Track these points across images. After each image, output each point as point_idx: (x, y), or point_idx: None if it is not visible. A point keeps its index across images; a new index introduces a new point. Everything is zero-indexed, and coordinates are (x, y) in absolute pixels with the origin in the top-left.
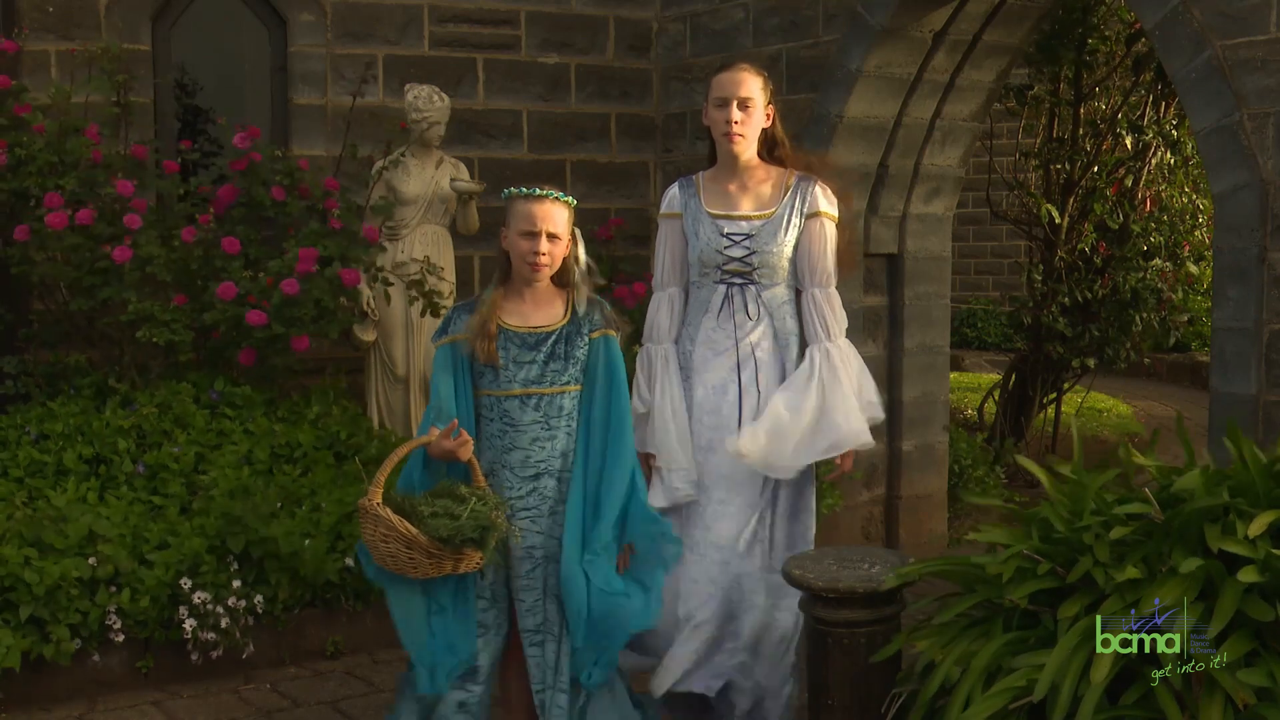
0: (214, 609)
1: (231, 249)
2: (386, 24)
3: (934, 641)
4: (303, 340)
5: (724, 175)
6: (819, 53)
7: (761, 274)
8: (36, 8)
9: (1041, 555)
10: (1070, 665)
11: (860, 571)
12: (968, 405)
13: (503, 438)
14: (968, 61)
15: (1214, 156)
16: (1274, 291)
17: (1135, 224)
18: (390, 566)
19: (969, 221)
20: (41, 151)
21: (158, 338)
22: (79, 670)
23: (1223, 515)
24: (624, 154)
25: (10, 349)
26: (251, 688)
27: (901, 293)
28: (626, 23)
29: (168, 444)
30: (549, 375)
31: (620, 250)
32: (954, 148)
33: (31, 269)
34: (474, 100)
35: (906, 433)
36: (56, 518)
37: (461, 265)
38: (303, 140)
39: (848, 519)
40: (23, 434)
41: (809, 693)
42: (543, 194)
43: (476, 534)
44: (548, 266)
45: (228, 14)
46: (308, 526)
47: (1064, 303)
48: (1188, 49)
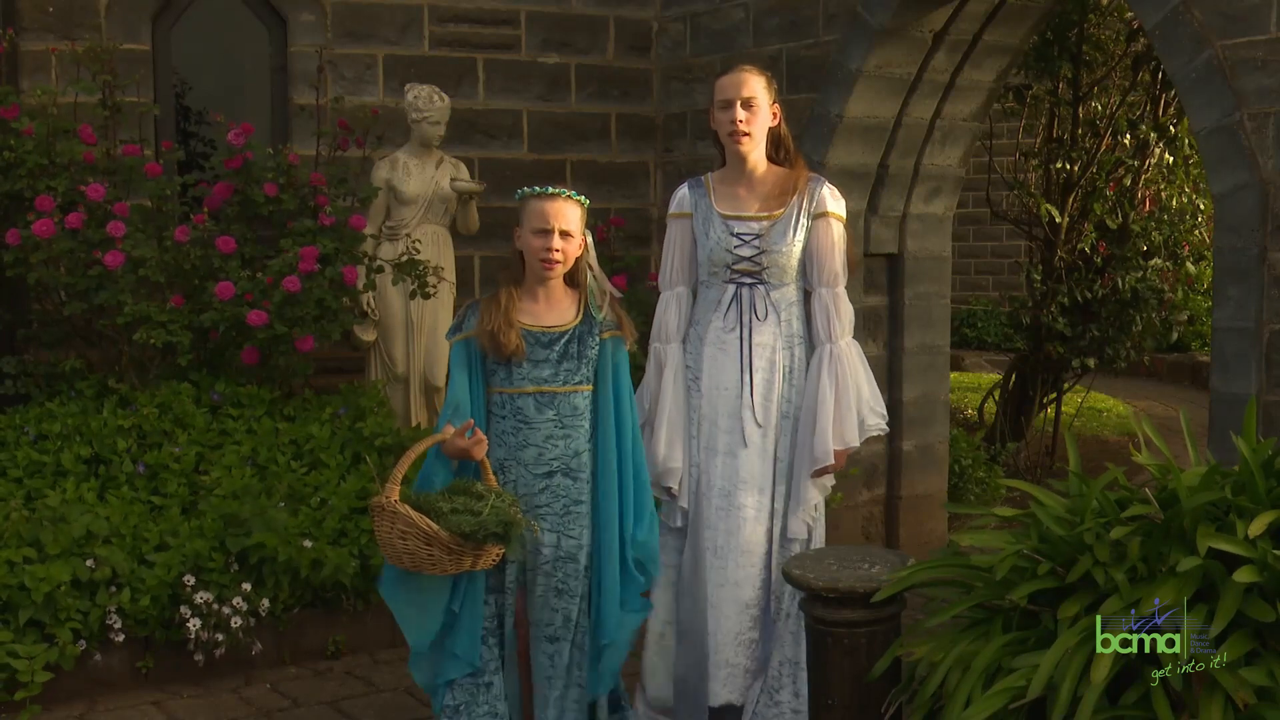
0: (217, 609)
1: (227, 248)
2: (386, 24)
3: (933, 646)
4: (307, 340)
5: (733, 176)
6: (819, 53)
7: (770, 274)
8: (36, 7)
9: (1041, 555)
10: (1070, 665)
11: (860, 571)
12: (968, 405)
13: (516, 435)
14: (968, 61)
15: (1214, 156)
16: (1274, 291)
17: (1135, 224)
18: (406, 564)
19: (969, 221)
20: (30, 154)
21: (155, 339)
22: (79, 670)
23: (1223, 515)
24: (624, 154)
25: (9, 349)
26: (252, 688)
27: (902, 293)
28: (626, 23)
29: (168, 444)
30: (562, 374)
31: (619, 250)
32: (954, 148)
33: (27, 272)
34: (474, 100)
35: (906, 433)
36: (55, 518)
37: (462, 265)
38: (303, 140)
39: (848, 519)
40: (21, 434)
41: (809, 692)
42: (555, 192)
43: (500, 529)
44: (560, 263)
45: (228, 14)
46: (309, 525)
47: (1064, 302)
48: (1188, 49)
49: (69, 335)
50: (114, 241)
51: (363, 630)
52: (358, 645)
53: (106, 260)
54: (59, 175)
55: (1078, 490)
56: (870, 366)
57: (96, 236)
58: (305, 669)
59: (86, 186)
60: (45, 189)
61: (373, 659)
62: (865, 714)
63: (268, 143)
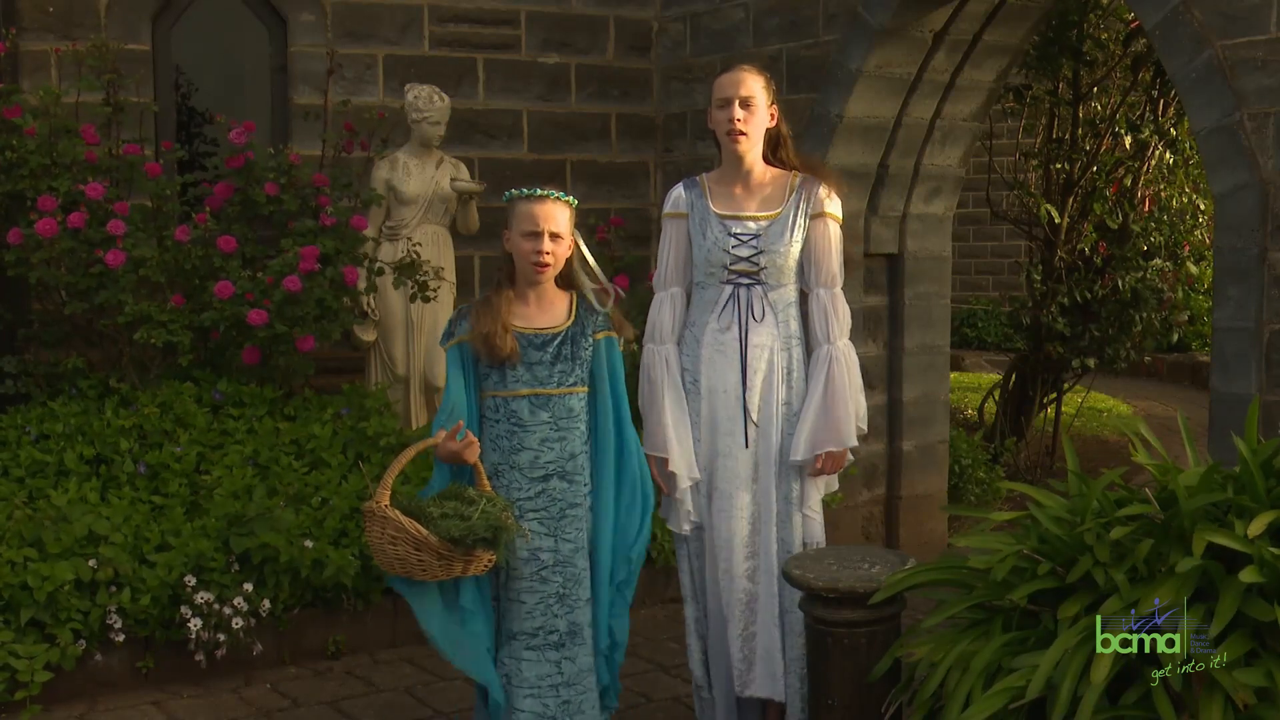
0: (218, 609)
1: (227, 248)
2: (386, 24)
3: (933, 646)
4: (308, 340)
5: (729, 176)
6: (819, 53)
7: (768, 274)
8: (37, 7)
9: (1041, 555)
10: (1070, 665)
11: (860, 571)
12: (968, 405)
13: (510, 439)
14: (968, 61)
15: (1214, 156)
16: (1274, 291)
17: (1135, 224)
18: (398, 570)
19: (969, 221)
20: (33, 154)
21: (156, 339)
22: (79, 670)
23: (1222, 515)
24: (624, 154)
25: (10, 349)
26: (252, 688)
27: (902, 293)
28: (626, 23)
29: (169, 444)
30: (556, 376)
31: (619, 250)
32: (954, 148)
33: (29, 271)
34: (474, 100)
35: (906, 433)
36: (57, 518)
37: (462, 265)
38: (303, 140)
39: (848, 519)
40: (23, 434)
41: (809, 692)
42: (543, 194)
43: (489, 534)
44: (551, 266)
45: (228, 14)
46: (309, 525)
47: (1064, 303)
48: (1188, 49)
49: (70, 335)
50: (115, 241)
51: (363, 630)
52: (358, 645)
53: (107, 260)
54: (61, 175)
55: (1077, 490)
56: (870, 366)
57: (97, 236)
58: (305, 669)
59: (86, 186)
60: (47, 189)
61: (373, 659)
62: (865, 714)
63: (268, 143)
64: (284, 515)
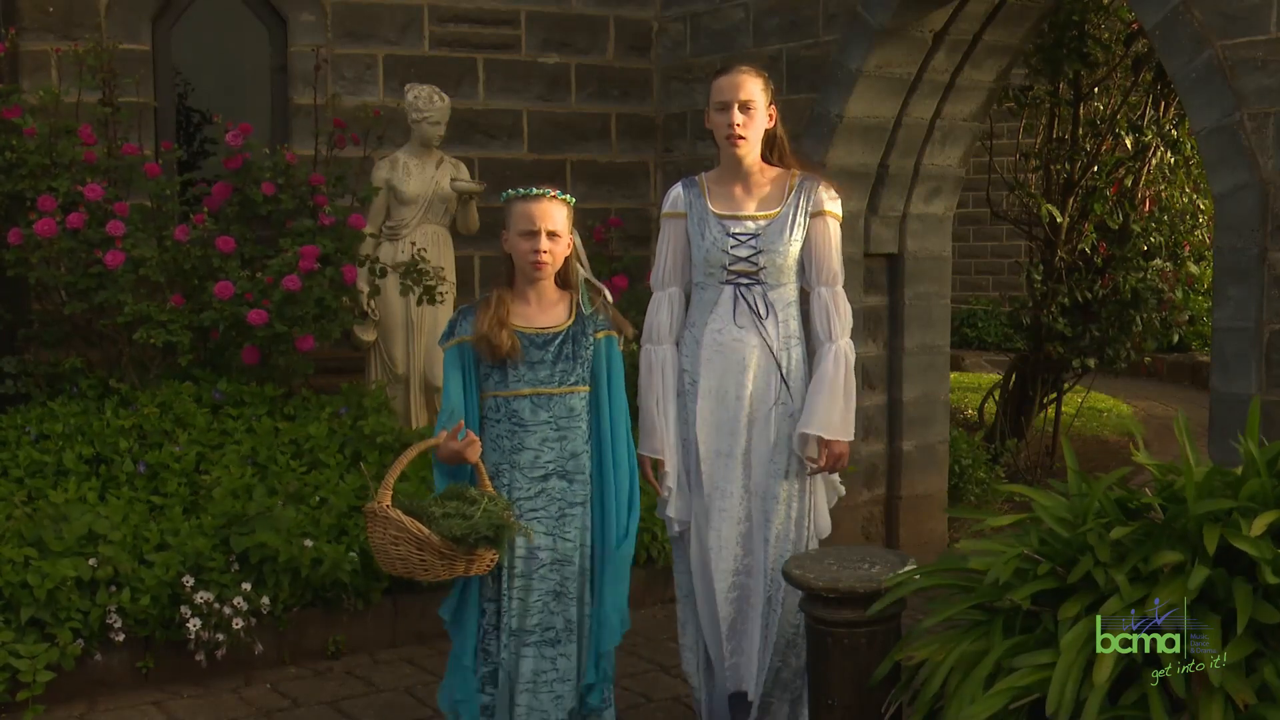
0: (218, 609)
1: (226, 248)
2: (386, 24)
3: (934, 647)
4: (307, 340)
5: (728, 176)
6: (819, 53)
7: (768, 274)
8: (37, 7)
9: (1042, 555)
10: (1071, 665)
11: (860, 571)
12: (968, 405)
13: (511, 438)
14: (968, 61)
15: (1214, 156)
16: (1274, 291)
17: (1135, 224)
18: (400, 571)
19: (969, 221)
20: (32, 154)
21: (155, 339)
22: (79, 670)
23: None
24: (624, 154)
25: (10, 349)
26: (252, 688)
27: (902, 293)
28: (626, 23)
29: (168, 444)
30: (558, 375)
31: (619, 250)
32: (954, 148)
33: (28, 271)
34: (474, 100)
35: (906, 433)
36: (57, 518)
37: (462, 265)
38: (303, 140)
39: (848, 519)
40: (23, 434)
41: (809, 692)
42: (540, 193)
43: (492, 532)
44: (550, 265)
45: (228, 14)
46: (308, 524)
47: (1064, 303)
48: (1188, 49)
49: (70, 335)
50: (114, 241)
51: (363, 630)
52: (358, 645)
53: (107, 260)
54: (60, 175)
55: (1078, 490)
56: (871, 366)
57: (97, 236)
58: (305, 669)
59: (85, 186)
60: (47, 189)
61: (373, 659)
62: (866, 714)
63: (268, 143)
64: (284, 514)
